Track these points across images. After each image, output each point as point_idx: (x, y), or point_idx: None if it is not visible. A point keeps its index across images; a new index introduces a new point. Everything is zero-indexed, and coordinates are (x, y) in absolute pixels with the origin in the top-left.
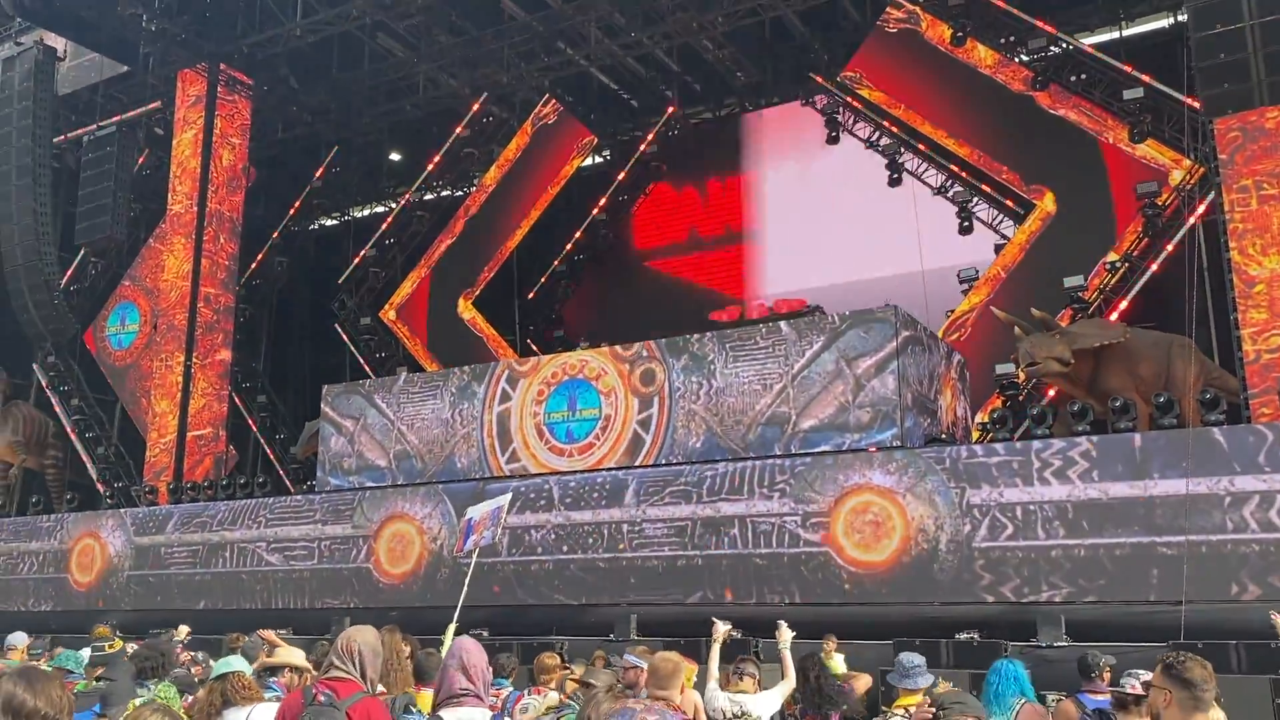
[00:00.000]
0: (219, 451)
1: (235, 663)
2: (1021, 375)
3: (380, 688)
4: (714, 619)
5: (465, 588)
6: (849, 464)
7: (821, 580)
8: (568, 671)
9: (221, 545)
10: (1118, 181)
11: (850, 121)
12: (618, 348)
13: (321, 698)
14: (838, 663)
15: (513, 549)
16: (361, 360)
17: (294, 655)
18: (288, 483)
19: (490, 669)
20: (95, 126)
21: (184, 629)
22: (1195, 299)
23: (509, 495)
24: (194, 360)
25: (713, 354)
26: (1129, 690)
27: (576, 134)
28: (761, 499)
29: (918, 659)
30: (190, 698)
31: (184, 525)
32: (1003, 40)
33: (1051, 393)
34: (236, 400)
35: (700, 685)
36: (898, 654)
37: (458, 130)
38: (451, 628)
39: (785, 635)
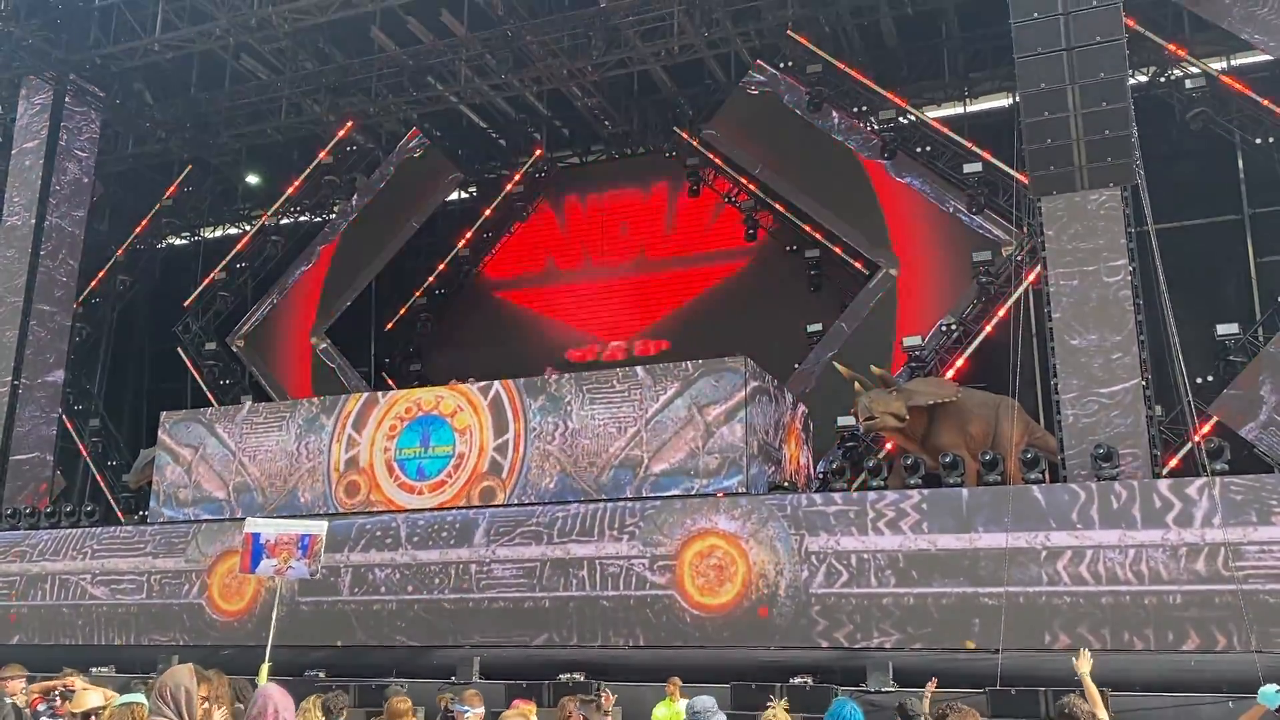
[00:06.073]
0: (45, 477)
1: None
2: (860, 428)
3: None
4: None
5: (273, 621)
6: (697, 508)
7: (666, 623)
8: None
9: (41, 576)
10: (956, 249)
11: (711, 176)
12: (473, 385)
13: None
14: (679, 708)
15: (355, 588)
16: (204, 387)
17: (94, 697)
18: (118, 512)
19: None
20: None
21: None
22: (1021, 363)
23: (324, 525)
24: (22, 380)
25: (569, 395)
26: None
27: (442, 169)
28: (611, 541)
29: (709, 700)
30: None
31: (1, 554)
32: (856, 109)
33: (888, 446)
34: (67, 423)
35: None
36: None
37: (320, 156)
38: (265, 666)
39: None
